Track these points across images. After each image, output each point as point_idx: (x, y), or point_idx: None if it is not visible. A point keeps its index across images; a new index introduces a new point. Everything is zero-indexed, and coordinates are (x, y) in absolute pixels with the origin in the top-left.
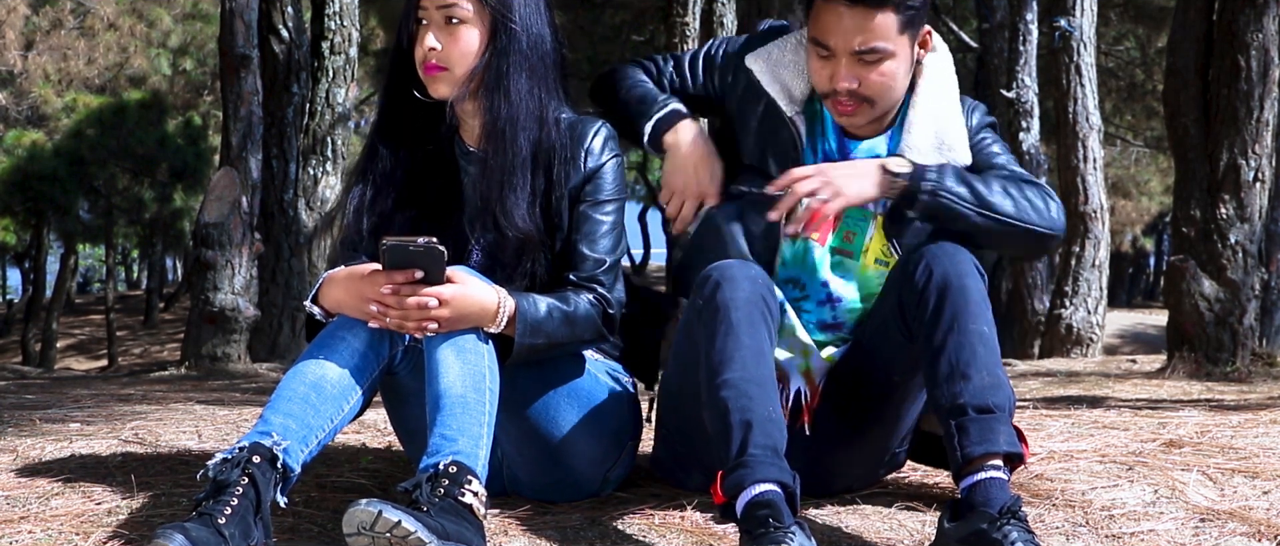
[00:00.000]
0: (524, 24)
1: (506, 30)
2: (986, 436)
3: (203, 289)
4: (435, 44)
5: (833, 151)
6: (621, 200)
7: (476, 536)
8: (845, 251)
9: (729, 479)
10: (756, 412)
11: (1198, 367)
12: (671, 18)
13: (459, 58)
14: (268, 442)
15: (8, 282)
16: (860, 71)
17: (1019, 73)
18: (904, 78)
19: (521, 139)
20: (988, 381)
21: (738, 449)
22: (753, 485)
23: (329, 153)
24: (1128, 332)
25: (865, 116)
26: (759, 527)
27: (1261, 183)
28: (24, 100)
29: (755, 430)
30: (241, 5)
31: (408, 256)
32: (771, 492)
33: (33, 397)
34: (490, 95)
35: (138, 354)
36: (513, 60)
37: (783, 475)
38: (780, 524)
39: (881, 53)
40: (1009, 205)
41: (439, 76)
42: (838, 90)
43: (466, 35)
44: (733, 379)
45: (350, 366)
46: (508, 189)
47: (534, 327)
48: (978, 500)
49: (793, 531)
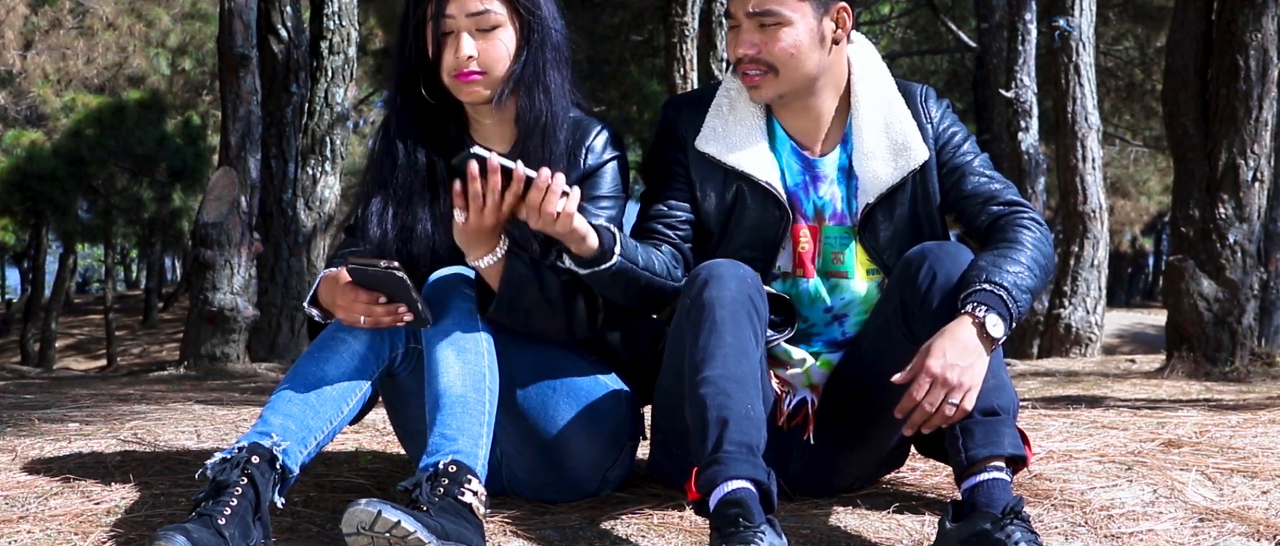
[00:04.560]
0: (550, 20)
1: (539, 27)
2: (991, 439)
3: (202, 289)
4: (472, 51)
5: (798, 173)
6: (620, 198)
7: (476, 536)
8: (838, 273)
9: (703, 475)
10: (733, 410)
11: (1197, 367)
12: (671, 18)
13: (496, 61)
14: (267, 443)
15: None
16: (759, 37)
17: (1018, 72)
18: (811, 51)
19: (561, 135)
20: (992, 383)
21: (713, 445)
22: (725, 482)
23: (328, 152)
24: (1127, 332)
25: (773, 89)
26: (729, 526)
27: (1260, 182)
28: (23, 100)
29: (731, 427)
30: (240, 5)
31: (370, 278)
32: (743, 490)
33: (32, 397)
34: (529, 93)
35: (137, 354)
36: (548, 56)
37: (756, 472)
38: (750, 523)
39: (777, 17)
40: (1043, 278)
41: (477, 82)
42: (742, 57)
43: (502, 38)
44: (712, 376)
45: (349, 367)
46: None
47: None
48: (980, 501)
49: (762, 531)
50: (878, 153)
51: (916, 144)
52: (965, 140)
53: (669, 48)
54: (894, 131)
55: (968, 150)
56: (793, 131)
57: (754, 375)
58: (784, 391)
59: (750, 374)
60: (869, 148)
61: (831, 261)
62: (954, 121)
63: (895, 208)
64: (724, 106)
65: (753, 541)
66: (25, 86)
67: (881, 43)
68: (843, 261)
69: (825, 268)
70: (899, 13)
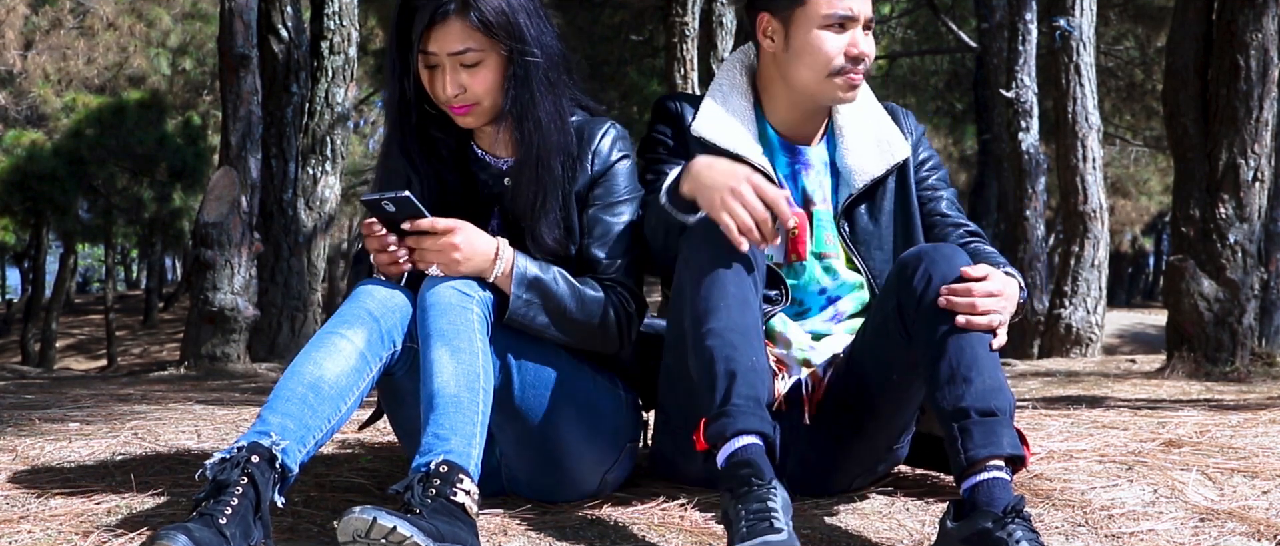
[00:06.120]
0: (535, 43)
1: (522, 59)
2: (990, 439)
3: (202, 289)
4: (457, 89)
5: (785, 164)
6: (635, 199)
7: (470, 535)
8: (831, 253)
9: (712, 427)
10: (740, 362)
11: (1197, 367)
12: (671, 18)
13: (486, 92)
14: (266, 442)
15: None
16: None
17: (1018, 72)
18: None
19: (555, 163)
20: (990, 384)
21: (722, 397)
22: (735, 436)
23: (328, 152)
24: (1127, 332)
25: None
26: (742, 486)
27: (1261, 182)
28: (23, 100)
29: (739, 380)
30: (241, 5)
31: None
32: (753, 447)
33: (32, 397)
34: (520, 126)
35: (137, 353)
36: (536, 85)
37: (763, 425)
38: (762, 480)
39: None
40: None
41: (471, 111)
42: (863, 57)
43: (486, 72)
44: (717, 328)
45: (348, 366)
46: (541, 216)
47: (531, 281)
48: (981, 500)
49: (774, 488)
50: (862, 147)
51: (898, 141)
52: (939, 168)
53: (669, 48)
54: (876, 128)
55: (938, 182)
56: (779, 126)
57: (757, 325)
58: (779, 372)
59: (753, 324)
60: (852, 142)
61: (824, 242)
62: (929, 148)
63: (879, 201)
64: (717, 97)
65: (766, 499)
66: (26, 86)
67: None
68: (833, 243)
69: (819, 250)
70: (899, 13)
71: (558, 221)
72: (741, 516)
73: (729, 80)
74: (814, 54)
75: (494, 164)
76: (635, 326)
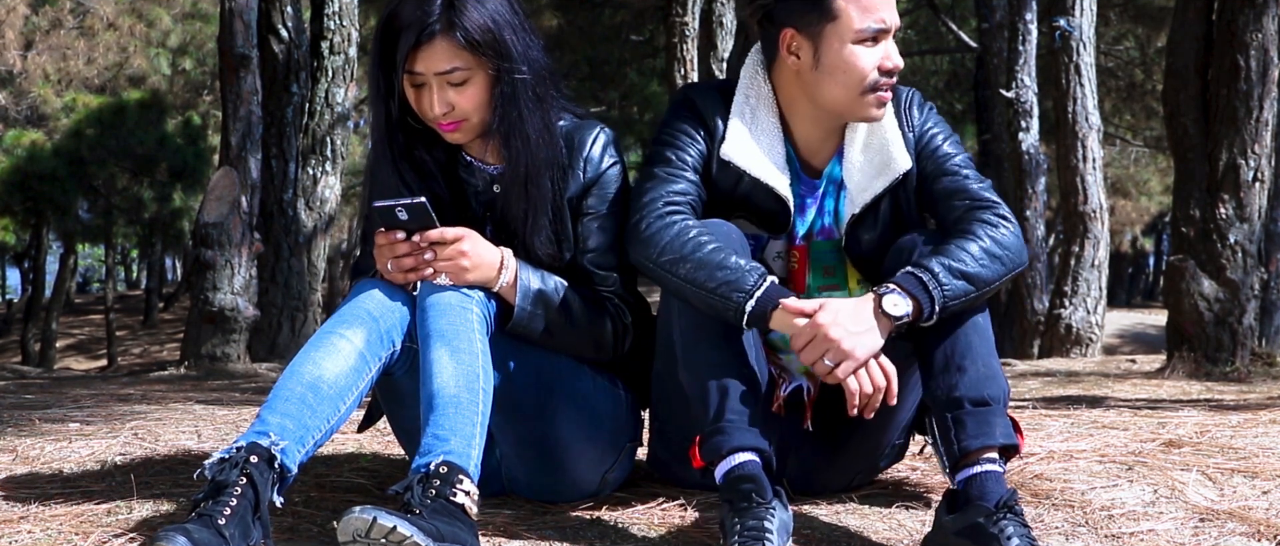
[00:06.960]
0: (521, 58)
1: (508, 76)
2: (982, 430)
3: (202, 289)
4: (445, 107)
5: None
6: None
7: (470, 535)
8: (831, 285)
9: (707, 444)
10: (732, 374)
11: (1197, 367)
12: (671, 18)
13: (474, 109)
14: (265, 442)
15: (7, 282)
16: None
17: (1018, 73)
18: None
19: (544, 179)
20: (983, 372)
21: (715, 413)
22: (731, 453)
23: (328, 153)
24: (1127, 332)
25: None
26: (742, 501)
27: (1261, 182)
28: (23, 100)
29: (731, 393)
30: (241, 5)
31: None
32: (751, 463)
33: (32, 397)
34: (507, 144)
35: (137, 354)
36: (523, 101)
37: (759, 441)
38: (763, 498)
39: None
40: (996, 267)
41: (459, 128)
42: (896, 69)
43: (473, 89)
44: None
45: (347, 367)
46: (532, 231)
47: (536, 294)
48: (974, 493)
49: (773, 507)
50: (863, 166)
51: (899, 154)
52: (946, 140)
53: (669, 48)
54: (877, 145)
55: (948, 150)
56: (799, 143)
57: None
58: (780, 378)
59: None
60: (855, 159)
61: (823, 275)
62: (937, 122)
63: (878, 216)
64: (745, 115)
65: (763, 519)
66: (26, 86)
67: None
68: (835, 274)
69: (817, 283)
70: (899, 13)
71: (550, 237)
72: (736, 531)
73: (755, 92)
74: (847, 72)
75: (484, 170)
76: (631, 338)
